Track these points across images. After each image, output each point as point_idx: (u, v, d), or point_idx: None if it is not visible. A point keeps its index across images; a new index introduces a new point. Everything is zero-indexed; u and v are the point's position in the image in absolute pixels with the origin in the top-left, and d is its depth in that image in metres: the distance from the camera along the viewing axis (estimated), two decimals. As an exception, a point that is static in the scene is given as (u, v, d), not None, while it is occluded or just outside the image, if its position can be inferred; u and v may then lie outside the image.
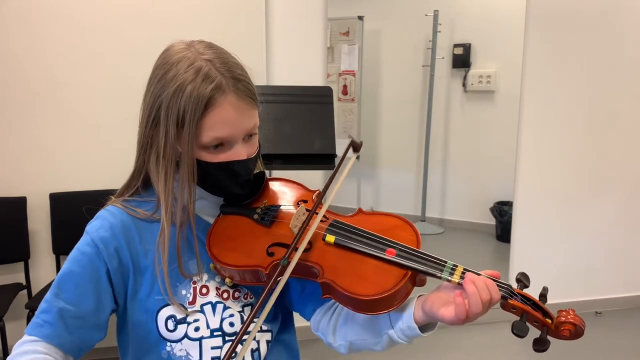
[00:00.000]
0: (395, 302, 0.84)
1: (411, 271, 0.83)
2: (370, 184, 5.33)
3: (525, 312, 0.81)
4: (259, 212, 0.95)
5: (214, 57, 0.87)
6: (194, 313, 0.92)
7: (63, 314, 0.86)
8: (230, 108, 0.85)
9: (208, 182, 0.93)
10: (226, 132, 0.87)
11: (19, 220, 2.59)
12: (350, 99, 5.02)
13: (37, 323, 0.86)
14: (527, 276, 0.87)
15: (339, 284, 0.83)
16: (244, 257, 0.90)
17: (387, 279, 0.83)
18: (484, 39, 4.63)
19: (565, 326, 0.80)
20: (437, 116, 4.88)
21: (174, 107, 0.85)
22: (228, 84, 0.85)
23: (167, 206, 0.89)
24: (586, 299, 3.29)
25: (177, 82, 0.84)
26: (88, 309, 0.87)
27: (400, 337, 0.88)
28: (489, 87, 4.68)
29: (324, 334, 1.00)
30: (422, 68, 4.87)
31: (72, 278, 0.88)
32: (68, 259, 0.90)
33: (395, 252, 0.85)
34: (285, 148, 2.33)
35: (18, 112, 2.61)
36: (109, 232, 0.90)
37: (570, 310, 0.82)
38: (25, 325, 2.48)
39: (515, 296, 0.82)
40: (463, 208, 4.97)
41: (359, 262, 0.86)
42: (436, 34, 4.64)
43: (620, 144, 3.20)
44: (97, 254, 0.88)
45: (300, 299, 1.01)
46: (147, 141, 0.90)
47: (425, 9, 4.65)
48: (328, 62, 3.23)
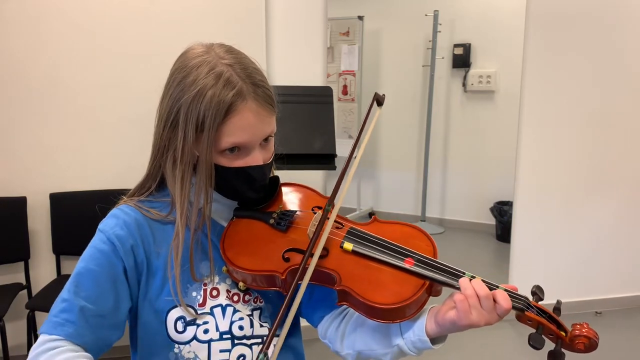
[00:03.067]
0: (412, 312, 0.84)
1: (429, 281, 0.84)
2: (370, 184, 5.33)
3: (541, 325, 0.82)
4: (275, 217, 0.95)
5: (235, 62, 0.87)
6: (203, 315, 0.91)
7: (85, 313, 0.83)
8: (251, 115, 0.86)
9: (223, 186, 0.93)
10: (245, 139, 0.87)
11: (19, 220, 2.59)
12: (350, 99, 5.02)
13: (57, 322, 0.82)
14: (542, 289, 0.88)
15: (357, 292, 0.83)
16: (260, 261, 0.90)
17: (405, 288, 0.83)
18: (484, 39, 4.63)
19: (579, 339, 0.81)
20: (437, 116, 4.88)
21: (193, 111, 0.84)
22: (249, 90, 0.85)
23: (182, 210, 0.89)
24: (586, 299, 3.29)
25: (198, 86, 0.84)
26: (108, 307, 0.86)
27: (410, 349, 0.88)
28: (489, 87, 4.68)
29: (332, 342, 1.00)
30: (422, 68, 4.87)
31: (91, 276, 0.86)
32: (83, 257, 0.88)
33: (414, 262, 0.85)
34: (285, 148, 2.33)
35: (18, 112, 2.61)
36: (125, 230, 0.89)
37: (585, 323, 0.82)
38: (25, 325, 2.50)
39: (531, 308, 0.83)
40: (463, 208, 4.97)
41: (377, 271, 0.86)
42: (436, 34, 4.64)
43: (620, 144, 3.20)
44: (114, 252, 0.87)
45: (308, 305, 1.01)
46: (165, 144, 0.90)
47: (425, 9, 4.65)
48: (328, 62, 3.23)
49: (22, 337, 2.60)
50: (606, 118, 3.16)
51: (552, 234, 3.24)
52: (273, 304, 0.97)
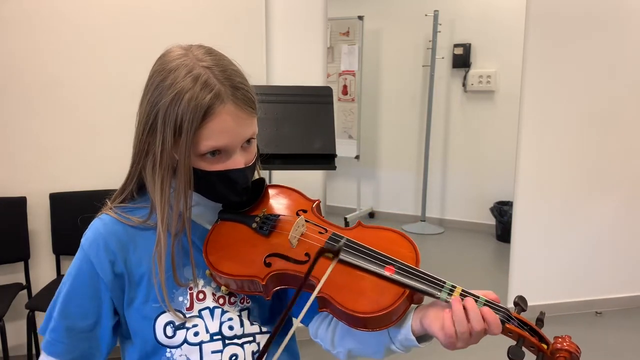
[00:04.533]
0: (392, 321, 0.83)
1: (409, 290, 0.83)
2: (370, 184, 5.33)
3: (522, 337, 0.80)
4: (258, 220, 0.94)
5: (213, 65, 0.85)
6: (192, 318, 0.91)
7: (71, 331, 0.90)
8: (229, 118, 0.84)
9: (206, 190, 0.92)
10: (224, 142, 0.85)
11: (19, 220, 2.59)
12: (350, 99, 5.02)
13: (49, 342, 0.90)
14: (524, 300, 0.87)
15: (335, 300, 0.82)
16: (241, 266, 0.89)
17: (385, 297, 0.82)
18: (484, 39, 4.63)
19: (560, 353, 0.80)
20: (437, 116, 4.88)
21: (171, 114, 0.83)
22: (227, 93, 0.84)
23: (163, 215, 0.88)
24: (586, 299, 3.29)
25: (175, 89, 0.83)
26: (93, 323, 0.90)
27: (398, 348, 0.89)
28: (489, 87, 4.68)
29: (323, 341, 1.00)
30: (422, 68, 4.87)
31: (75, 296, 0.90)
32: (68, 274, 0.92)
33: (395, 270, 0.84)
34: (285, 148, 2.33)
35: (18, 112, 2.61)
36: (102, 246, 0.89)
37: (566, 337, 0.81)
38: (25, 325, 2.50)
39: (512, 320, 0.81)
40: (463, 208, 4.97)
41: (358, 278, 0.85)
42: (436, 34, 4.64)
43: (620, 143, 3.20)
44: (93, 270, 0.89)
45: (299, 305, 1.01)
46: (144, 148, 0.89)
47: (425, 9, 4.65)
48: (328, 62, 3.22)
49: (22, 337, 2.60)
50: (606, 118, 3.16)
51: (552, 234, 3.24)
52: (260, 304, 0.97)
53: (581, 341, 0.85)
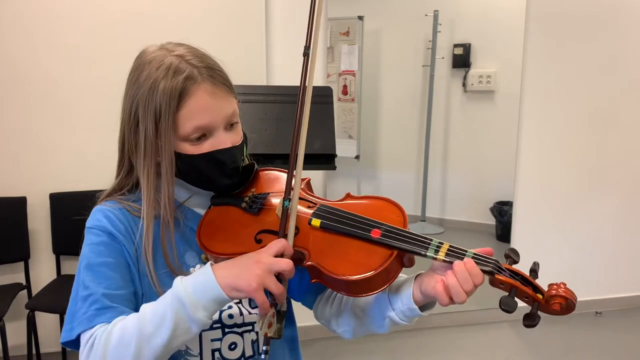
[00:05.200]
0: (385, 283, 0.85)
1: (397, 250, 0.84)
2: (370, 184, 5.33)
3: (513, 287, 0.80)
4: (247, 200, 0.96)
5: (185, 52, 0.89)
6: None
7: (111, 297, 0.84)
8: (206, 95, 0.86)
9: (195, 176, 0.93)
10: (206, 120, 0.87)
11: (19, 220, 2.59)
12: (350, 99, 5.01)
13: (92, 315, 0.82)
14: (516, 252, 0.88)
15: (325, 267, 0.84)
16: (233, 245, 0.90)
17: (373, 259, 0.84)
18: (484, 39, 4.62)
19: (555, 299, 0.79)
20: (437, 116, 4.87)
21: (150, 104, 0.86)
22: (201, 72, 0.87)
23: (148, 204, 0.90)
24: (586, 299, 3.29)
25: (150, 80, 0.86)
26: (130, 288, 0.88)
27: (401, 319, 0.90)
28: (489, 87, 4.67)
29: (327, 321, 1.02)
30: (422, 68, 4.87)
31: (102, 266, 0.86)
32: (84, 255, 0.88)
33: (381, 233, 0.86)
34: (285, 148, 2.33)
35: (18, 112, 2.61)
36: (115, 219, 0.90)
37: (561, 283, 0.81)
38: (25, 325, 2.49)
39: (503, 271, 0.82)
40: (463, 208, 4.97)
41: (345, 244, 0.87)
42: (436, 34, 4.64)
43: (620, 143, 3.20)
44: (113, 239, 0.88)
45: (300, 289, 1.02)
46: (131, 143, 0.91)
47: (425, 9, 4.65)
48: (328, 62, 3.23)
49: (22, 337, 2.60)
50: (606, 118, 3.16)
51: (552, 233, 3.24)
52: None
53: (581, 341, 0.85)
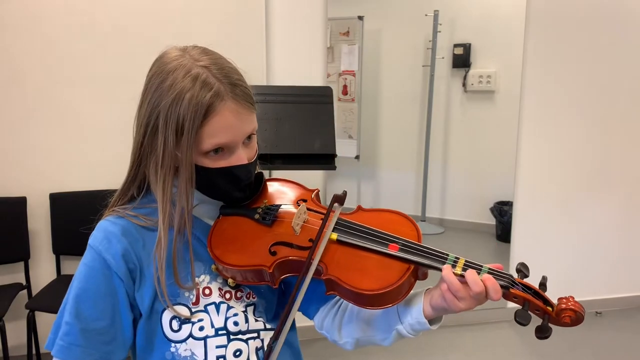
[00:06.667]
0: (399, 296, 0.85)
1: (414, 265, 0.85)
2: (370, 184, 5.33)
3: (527, 301, 0.83)
4: (260, 212, 0.96)
5: (210, 64, 0.87)
6: (197, 313, 0.92)
7: (87, 334, 0.87)
8: (230, 114, 0.86)
9: (209, 188, 0.93)
10: (227, 139, 0.87)
11: (19, 220, 2.59)
12: (350, 99, 5.01)
13: (63, 346, 0.87)
14: (526, 266, 0.89)
15: (343, 280, 0.85)
16: (246, 257, 0.90)
17: (390, 274, 0.84)
18: (484, 39, 4.62)
19: (565, 313, 0.82)
20: (437, 116, 4.87)
21: (172, 115, 0.85)
22: (226, 90, 0.86)
23: (165, 214, 0.89)
24: (586, 299, 3.29)
25: (175, 90, 0.85)
26: (110, 323, 0.89)
27: (409, 332, 0.91)
28: (489, 87, 4.67)
29: (329, 332, 1.02)
30: (422, 68, 4.87)
31: (89, 296, 0.88)
32: (77, 276, 0.90)
33: (398, 247, 0.87)
34: (285, 148, 2.33)
35: (18, 113, 2.61)
36: (114, 241, 0.90)
37: (570, 297, 0.84)
38: (25, 325, 2.50)
39: (516, 285, 0.84)
40: (463, 208, 4.97)
41: (362, 258, 0.88)
42: (436, 34, 4.64)
43: (620, 144, 3.20)
44: (106, 266, 0.89)
45: (303, 298, 1.02)
46: (146, 150, 0.90)
47: (425, 9, 4.65)
48: (328, 62, 3.22)
49: (22, 337, 2.60)
50: (606, 118, 3.16)
51: (552, 234, 3.24)
52: (266, 299, 0.98)
53: (581, 341, 0.86)
